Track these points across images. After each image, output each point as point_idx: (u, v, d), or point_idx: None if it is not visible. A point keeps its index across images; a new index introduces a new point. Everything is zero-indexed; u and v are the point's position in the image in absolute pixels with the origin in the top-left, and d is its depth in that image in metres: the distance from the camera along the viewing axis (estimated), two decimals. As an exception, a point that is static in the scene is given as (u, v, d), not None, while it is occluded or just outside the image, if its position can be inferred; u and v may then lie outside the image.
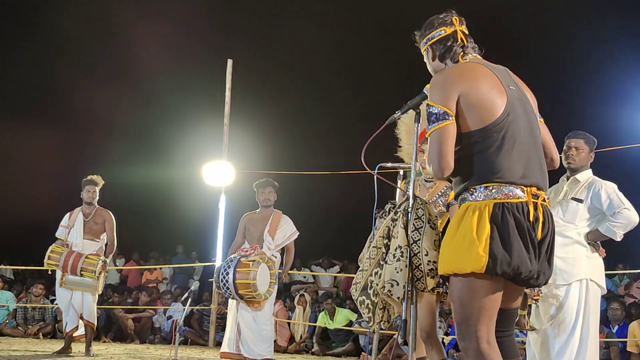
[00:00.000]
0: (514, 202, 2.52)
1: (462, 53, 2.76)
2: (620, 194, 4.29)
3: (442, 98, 2.57)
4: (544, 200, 2.61)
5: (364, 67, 16.08)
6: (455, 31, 2.78)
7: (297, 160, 12.24)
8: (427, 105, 2.61)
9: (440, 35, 2.79)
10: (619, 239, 4.29)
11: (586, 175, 4.42)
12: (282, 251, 6.59)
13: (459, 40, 2.77)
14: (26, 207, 13.95)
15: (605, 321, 8.15)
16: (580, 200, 4.32)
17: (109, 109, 15.47)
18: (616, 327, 7.84)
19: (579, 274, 4.20)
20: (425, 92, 3.02)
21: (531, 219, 2.53)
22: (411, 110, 2.99)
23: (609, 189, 4.28)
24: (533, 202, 2.55)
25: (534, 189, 2.57)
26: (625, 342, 7.56)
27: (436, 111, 2.56)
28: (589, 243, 4.31)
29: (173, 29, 14.91)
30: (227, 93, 9.75)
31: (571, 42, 13.92)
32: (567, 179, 4.47)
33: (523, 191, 2.55)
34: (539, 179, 2.62)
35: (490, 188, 2.54)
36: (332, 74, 15.69)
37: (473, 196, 2.57)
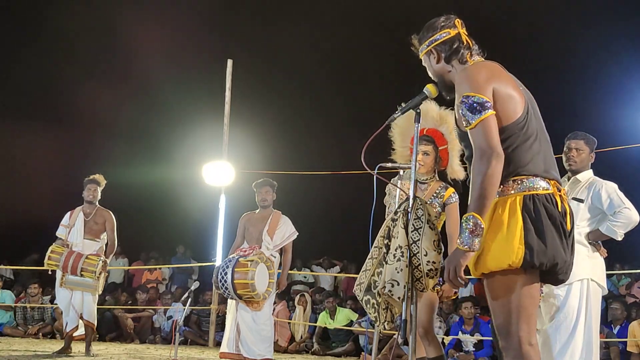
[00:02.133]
0: (542, 194, 2.53)
1: (469, 54, 2.76)
2: (621, 194, 4.29)
3: (481, 88, 2.53)
4: (564, 194, 2.64)
5: (364, 68, 16.07)
6: (459, 33, 2.78)
7: (297, 160, 12.23)
8: (466, 96, 2.52)
9: (444, 37, 2.76)
10: (619, 239, 4.29)
11: (587, 175, 4.43)
12: (281, 251, 6.58)
13: (464, 42, 2.77)
14: (26, 207, 13.94)
15: (605, 321, 8.15)
16: (580, 200, 4.32)
17: (109, 109, 15.44)
18: (617, 328, 7.84)
19: (580, 274, 4.19)
20: (425, 92, 3.02)
21: (560, 209, 2.54)
22: (410, 110, 3.00)
23: (610, 189, 4.29)
24: (558, 194, 2.58)
25: (555, 183, 2.61)
26: (626, 342, 7.56)
27: (480, 100, 2.50)
28: (589, 243, 4.31)
29: (173, 29, 14.90)
30: (227, 93, 9.75)
31: (571, 43, 13.91)
32: (568, 179, 4.48)
33: (548, 183, 2.57)
34: (556, 174, 2.66)
35: (518, 181, 2.55)
36: (332, 74, 15.68)
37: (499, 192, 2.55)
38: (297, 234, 6.55)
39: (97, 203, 7.42)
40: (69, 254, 7.03)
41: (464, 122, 2.54)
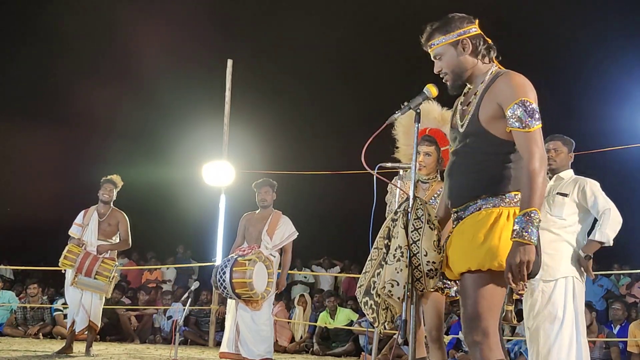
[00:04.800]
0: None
1: (494, 55, 2.82)
2: (603, 193, 4.35)
3: (535, 100, 2.64)
4: None
5: (364, 68, 16.07)
6: (481, 33, 2.81)
7: (297, 160, 12.24)
8: (527, 101, 2.59)
9: (474, 31, 2.78)
10: (611, 244, 4.32)
11: (569, 173, 4.55)
12: (281, 251, 6.58)
13: (490, 43, 2.81)
14: (26, 207, 13.95)
15: (605, 321, 8.16)
16: (565, 195, 4.38)
17: (109, 109, 15.45)
18: (617, 328, 7.84)
19: (564, 271, 4.22)
20: (426, 92, 3.00)
21: None
22: (410, 110, 2.99)
23: (594, 187, 4.37)
24: None
25: None
26: (626, 342, 7.56)
27: (537, 109, 2.61)
28: (585, 257, 4.28)
29: (173, 29, 14.90)
30: (227, 93, 9.75)
31: (571, 42, 13.91)
32: (550, 179, 4.54)
33: None
34: None
35: (518, 197, 2.66)
36: (332, 74, 15.68)
37: (504, 202, 2.68)
38: (297, 234, 6.55)
39: (111, 204, 7.41)
40: (85, 256, 7.02)
41: (517, 123, 2.59)
